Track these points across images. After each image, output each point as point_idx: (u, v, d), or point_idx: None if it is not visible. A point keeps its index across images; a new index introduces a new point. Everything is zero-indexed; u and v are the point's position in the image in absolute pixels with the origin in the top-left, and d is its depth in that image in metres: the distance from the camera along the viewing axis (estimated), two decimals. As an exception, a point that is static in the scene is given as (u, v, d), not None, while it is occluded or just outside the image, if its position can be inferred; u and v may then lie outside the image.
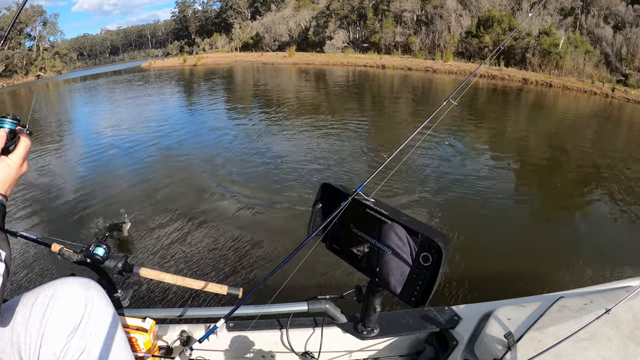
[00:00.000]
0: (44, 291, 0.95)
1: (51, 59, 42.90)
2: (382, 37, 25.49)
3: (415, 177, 5.61)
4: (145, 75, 27.01)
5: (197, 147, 7.51)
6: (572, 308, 1.35)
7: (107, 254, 1.29)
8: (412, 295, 1.11)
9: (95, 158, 7.43)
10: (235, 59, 32.03)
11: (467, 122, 8.93)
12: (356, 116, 9.59)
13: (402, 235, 1.12)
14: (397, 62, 20.60)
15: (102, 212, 4.80)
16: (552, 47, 14.15)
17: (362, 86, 15.46)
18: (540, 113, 10.00)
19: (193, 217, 4.52)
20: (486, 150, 7.02)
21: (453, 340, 1.44)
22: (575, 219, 4.60)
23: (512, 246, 3.89)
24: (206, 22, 63.67)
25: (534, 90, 12.77)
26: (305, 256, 1.15)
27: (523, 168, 6.10)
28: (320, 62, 24.23)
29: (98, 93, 19.92)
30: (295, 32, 36.57)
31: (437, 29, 21.90)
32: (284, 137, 8.05)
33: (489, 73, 15.02)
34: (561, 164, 6.29)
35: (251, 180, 5.66)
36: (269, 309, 1.39)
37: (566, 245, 3.91)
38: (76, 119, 12.42)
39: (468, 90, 8.77)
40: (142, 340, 1.28)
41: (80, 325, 0.92)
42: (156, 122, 10.15)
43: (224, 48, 46.84)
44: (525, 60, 15.52)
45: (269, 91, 14.62)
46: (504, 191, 5.22)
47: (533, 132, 8.07)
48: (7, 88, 32.17)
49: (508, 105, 11.03)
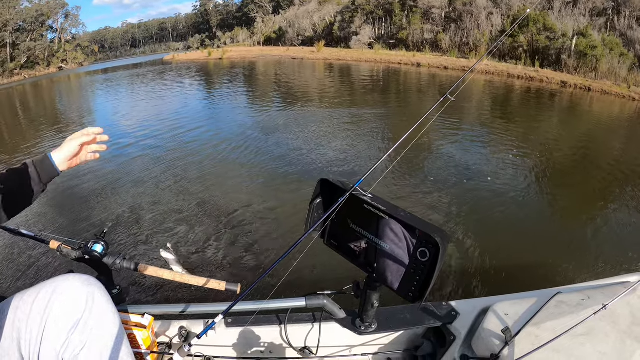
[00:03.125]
0: (45, 288, 0.99)
1: (73, 51, 44.45)
2: (410, 34, 25.35)
3: (419, 172, 5.71)
4: (173, 68, 27.42)
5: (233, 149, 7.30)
6: (569, 303, 1.38)
7: (105, 251, 1.33)
8: (409, 290, 1.14)
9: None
10: (262, 53, 32.13)
11: (499, 122, 8.81)
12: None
13: (400, 230, 1.15)
14: (432, 60, 20.21)
15: (102, 208, 4.97)
16: (589, 49, 13.79)
17: (411, 86, 15.02)
18: (582, 118, 9.75)
19: (194, 212, 4.61)
20: (501, 147, 6.89)
21: (451, 336, 1.47)
22: (578, 217, 4.56)
23: (511, 241, 3.92)
24: (227, 16, 64.71)
25: (573, 94, 12.47)
26: (304, 252, 1.19)
27: (534, 166, 5.99)
28: (352, 59, 23.81)
29: (131, 85, 20.31)
30: (320, 27, 36.73)
31: (466, 26, 21.64)
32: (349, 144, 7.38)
33: (527, 75, 14.72)
34: (578, 166, 6.16)
35: (267, 176, 5.73)
36: (268, 304, 1.42)
37: (565, 242, 3.92)
38: (121, 113, 12.35)
39: (506, 90, 8.65)
40: (141, 336, 1.32)
41: (81, 320, 0.95)
42: (195, 117, 10.25)
43: (246, 42, 47.44)
44: (561, 61, 15.19)
45: (315, 89, 14.28)
46: (507, 187, 5.20)
47: (565, 135, 7.90)
48: (29, 79, 33.49)
49: (548, 108, 10.77)
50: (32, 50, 38.94)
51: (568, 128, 8.67)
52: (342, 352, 1.56)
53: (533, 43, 16.76)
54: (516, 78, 14.91)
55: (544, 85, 13.67)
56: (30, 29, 39.73)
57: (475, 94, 12.57)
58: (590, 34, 14.41)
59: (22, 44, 38.03)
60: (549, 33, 16.17)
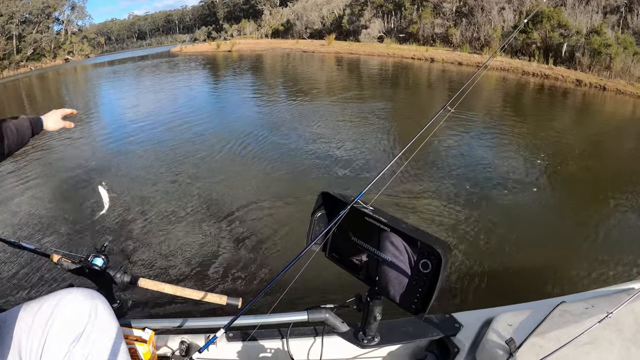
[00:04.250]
0: (48, 300, 0.99)
1: (79, 43, 44.78)
2: (421, 28, 25.18)
3: (421, 178, 5.68)
4: (181, 60, 27.48)
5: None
6: (573, 312, 1.38)
7: (105, 264, 1.34)
8: (412, 302, 1.13)
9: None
10: (271, 46, 32.24)
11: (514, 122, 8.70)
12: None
13: (401, 243, 1.15)
14: (445, 55, 19.88)
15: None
16: (603, 47, 13.62)
17: (429, 82, 14.80)
18: (600, 119, 9.59)
19: (194, 225, 4.58)
20: (509, 152, 6.81)
21: (454, 348, 1.46)
22: (582, 224, 4.51)
23: (513, 251, 3.89)
24: (234, 8, 64.72)
25: (588, 92, 12.31)
26: (305, 265, 1.18)
27: (540, 173, 5.89)
28: (364, 52, 23.67)
29: (140, 78, 20.52)
30: (328, 20, 36.62)
31: (477, 21, 21.43)
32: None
33: (542, 72, 14.57)
34: (586, 171, 6.06)
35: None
36: (269, 318, 1.42)
37: (569, 250, 3.89)
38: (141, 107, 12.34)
39: (520, 88, 8.52)
40: (142, 350, 1.33)
41: (83, 334, 0.96)
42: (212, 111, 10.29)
43: (253, 35, 47.46)
44: (575, 59, 15.02)
45: (333, 84, 14.03)
46: (510, 194, 5.15)
47: (579, 138, 7.80)
48: (35, 71, 33.80)
49: (565, 107, 10.62)
50: (39, 42, 39.26)
51: (583, 129, 8.57)
52: None
53: (547, 40, 16.56)
54: (531, 75, 14.74)
55: (559, 83, 13.51)
56: (37, 20, 40.06)
57: (488, 90, 12.44)
58: (605, 32, 14.24)
59: (28, 36, 38.34)
60: (563, 30, 15.98)
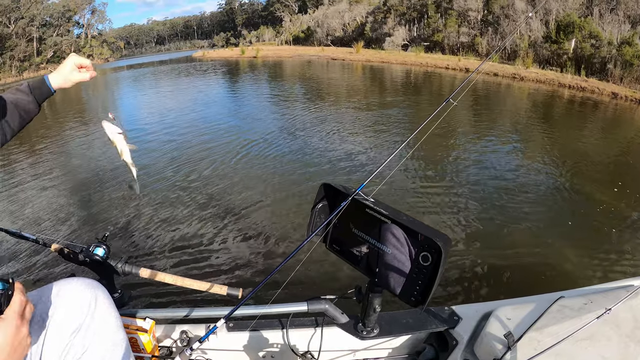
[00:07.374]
0: (49, 290, 0.99)
1: (99, 47, 46.34)
2: (446, 37, 25.22)
3: (424, 175, 5.79)
4: (205, 65, 27.81)
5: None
6: (572, 308, 1.41)
7: (106, 254, 1.38)
8: (411, 295, 1.17)
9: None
10: (297, 52, 32.50)
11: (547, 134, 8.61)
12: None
13: (402, 235, 1.19)
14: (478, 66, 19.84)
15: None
16: (635, 59, 13.44)
17: (487, 97, 13.93)
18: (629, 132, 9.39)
19: (197, 216, 4.70)
20: (523, 155, 6.74)
21: (453, 340, 1.50)
22: (582, 221, 4.49)
23: (513, 245, 3.92)
24: (253, 15, 66.21)
25: (626, 107, 12.02)
26: (305, 256, 1.25)
27: (549, 172, 5.88)
28: (395, 61, 23.42)
29: (170, 82, 20.78)
30: (350, 27, 37.02)
31: (504, 30, 21.35)
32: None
33: (577, 85, 14.43)
34: (600, 176, 5.94)
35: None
36: (269, 309, 1.45)
37: (568, 245, 3.90)
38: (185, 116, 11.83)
39: (559, 101, 9.13)
40: (143, 340, 1.37)
41: (84, 324, 0.97)
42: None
43: (272, 41, 48.25)
44: (607, 71, 14.83)
45: (381, 97, 13.40)
46: (511, 191, 5.18)
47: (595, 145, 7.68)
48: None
49: (598, 121, 10.36)
50: (59, 45, 40.80)
51: (609, 136, 8.39)
52: (343, 356, 1.60)
53: (577, 50, 16.41)
54: (567, 87, 14.56)
55: (595, 96, 13.30)
56: (57, 24, 41.72)
57: (525, 103, 12.15)
58: (637, 43, 14.06)
59: (48, 39, 39.92)
60: (594, 40, 15.82)
